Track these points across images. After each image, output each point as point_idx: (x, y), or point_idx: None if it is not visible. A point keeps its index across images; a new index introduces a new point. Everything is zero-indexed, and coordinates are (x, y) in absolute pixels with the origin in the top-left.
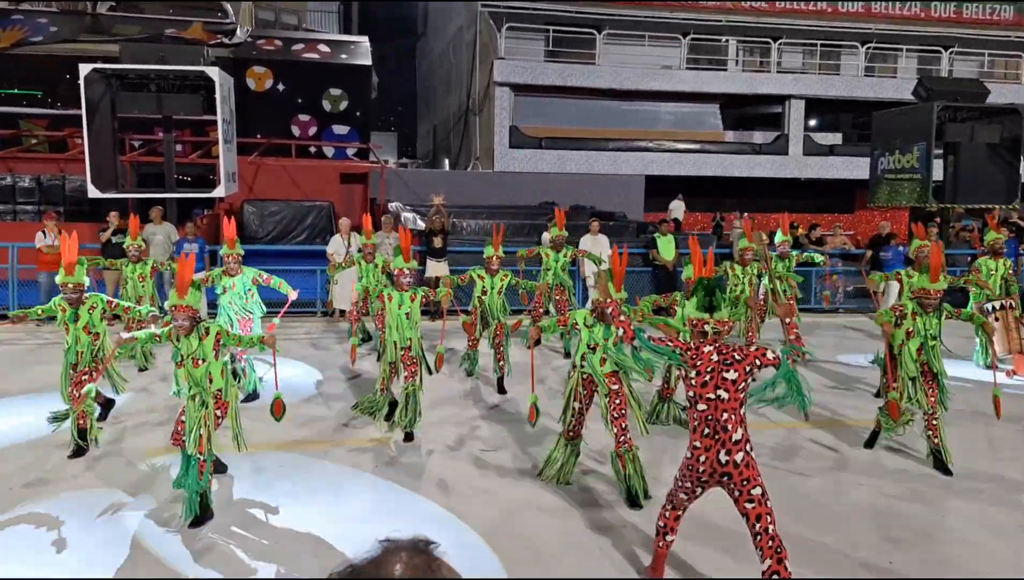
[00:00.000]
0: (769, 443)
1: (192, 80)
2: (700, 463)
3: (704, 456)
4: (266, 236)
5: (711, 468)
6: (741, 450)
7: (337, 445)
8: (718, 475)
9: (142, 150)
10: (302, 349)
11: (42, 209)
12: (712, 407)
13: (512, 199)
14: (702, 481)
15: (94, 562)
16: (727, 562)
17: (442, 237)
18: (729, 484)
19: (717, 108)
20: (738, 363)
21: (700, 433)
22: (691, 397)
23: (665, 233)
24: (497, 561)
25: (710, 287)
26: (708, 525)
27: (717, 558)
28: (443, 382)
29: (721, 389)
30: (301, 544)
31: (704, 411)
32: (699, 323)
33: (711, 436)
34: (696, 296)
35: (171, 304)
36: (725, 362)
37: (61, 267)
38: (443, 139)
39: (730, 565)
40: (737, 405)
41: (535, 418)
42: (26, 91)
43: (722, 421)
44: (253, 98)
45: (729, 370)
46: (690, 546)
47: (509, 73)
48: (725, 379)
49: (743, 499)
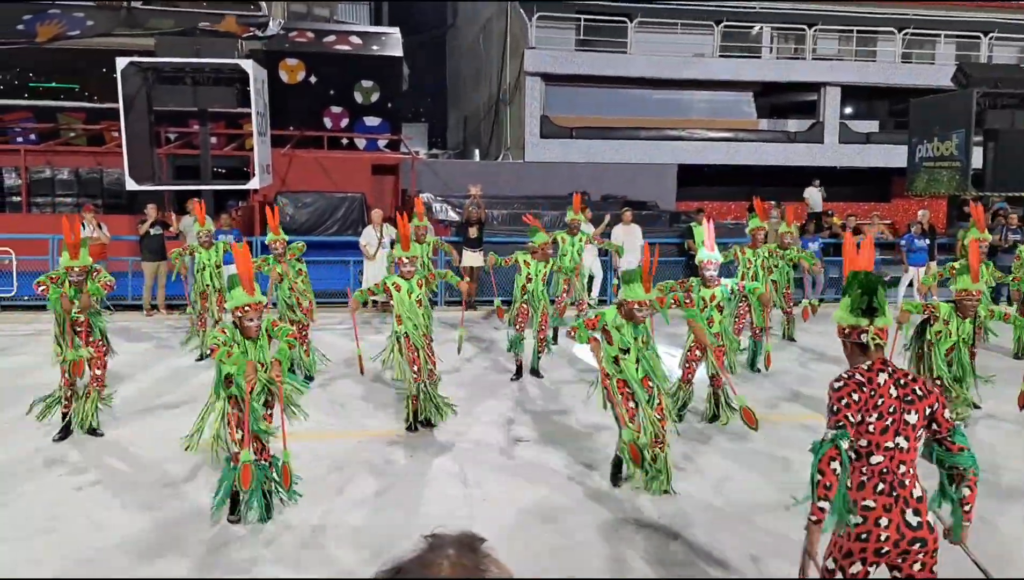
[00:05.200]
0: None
1: (226, 73)
2: (880, 530)
3: (885, 519)
4: (299, 227)
5: (897, 535)
6: (925, 510)
7: (369, 435)
8: (905, 544)
9: (178, 143)
10: (335, 338)
11: (80, 202)
12: (888, 458)
13: (543, 189)
14: (881, 553)
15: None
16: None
17: (478, 227)
18: (917, 557)
19: (751, 96)
20: (919, 401)
21: (872, 490)
22: (863, 446)
23: (701, 222)
24: (526, 556)
25: (870, 284)
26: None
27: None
28: (473, 368)
29: (901, 435)
30: (333, 538)
31: (879, 464)
32: (854, 332)
33: (888, 494)
34: (850, 295)
35: (241, 303)
36: (906, 399)
37: (65, 250)
38: (473, 130)
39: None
40: (916, 455)
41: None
42: (63, 85)
43: (899, 475)
44: (286, 90)
45: (910, 411)
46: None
47: (540, 63)
48: (907, 424)
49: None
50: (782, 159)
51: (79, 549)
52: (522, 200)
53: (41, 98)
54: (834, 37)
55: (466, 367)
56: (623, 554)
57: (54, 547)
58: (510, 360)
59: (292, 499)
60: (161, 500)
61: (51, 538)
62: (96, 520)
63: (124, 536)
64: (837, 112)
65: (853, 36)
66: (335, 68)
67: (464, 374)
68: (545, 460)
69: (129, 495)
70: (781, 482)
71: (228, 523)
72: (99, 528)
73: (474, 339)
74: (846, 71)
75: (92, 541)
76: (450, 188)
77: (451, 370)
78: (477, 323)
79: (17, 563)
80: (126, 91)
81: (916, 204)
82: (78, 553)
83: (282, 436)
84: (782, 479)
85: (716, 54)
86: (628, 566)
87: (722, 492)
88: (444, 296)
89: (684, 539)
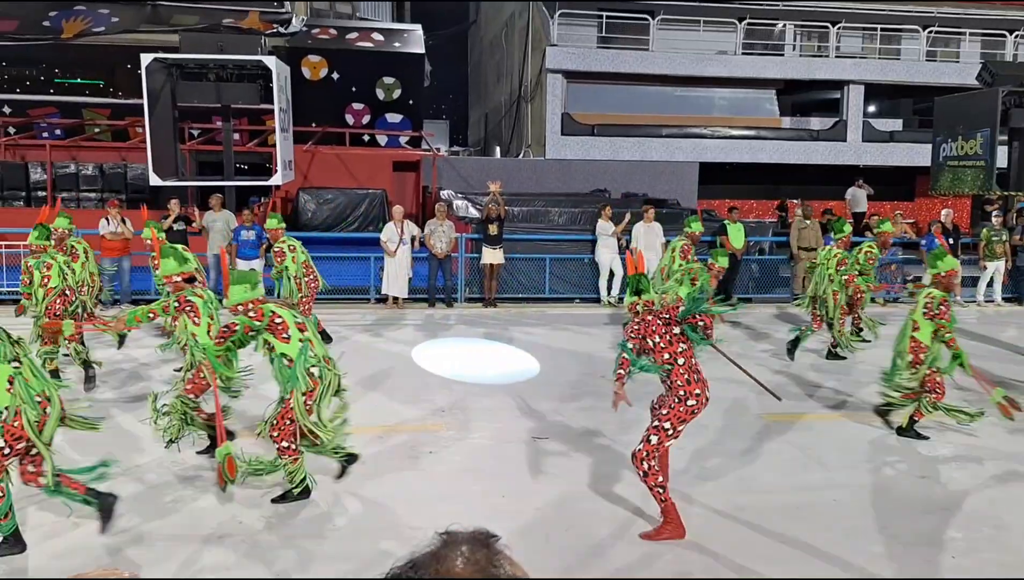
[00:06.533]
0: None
1: (250, 69)
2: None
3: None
4: (320, 223)
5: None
6: None
7: (390, 430)
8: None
9: (201, 139)
10: (355, 334)
11: (105, 197)
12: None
13: (564, 186)
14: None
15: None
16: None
17: (498, 224)
18: None
19: (773, 94)
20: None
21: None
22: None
23: (735, 220)
24: (544, 555)
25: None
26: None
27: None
28: (493, 367)
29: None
30: (350, 533)
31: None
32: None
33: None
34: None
35: (249, 298)
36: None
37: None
38: (494, 127)
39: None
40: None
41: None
42: (89, 81)
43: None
44: (308, 87)
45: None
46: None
47: (561, 60)
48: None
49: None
50: (804, 157)
51: (111, 539)
52: (542, 197)
53: (66, 94)
54: (858, 35)
55: (483, 367)
56: (640, 554)
57: (88, 537)
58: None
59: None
60: (190, 492)
61: (86, 529)
62: (130, 509)
63: (153, 527)
64: (860, 110)
65: (877, 34)
66: (357, 65)
67: (482, 373)
68: (564, 458)
69: (157, 488)
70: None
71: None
72: (135, 517)
73: (495, 337)
74: (870, 69)
75: (126, 531)
76: (471, 185)
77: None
78: (498, 321)
79: (48, 556)
80: (150, 87)
81: (940, 203)
82: (110, 543)
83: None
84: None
85: (739, 51)
86: (645, 566)
87: (748, 491)
88: (464, 292)
89: (703, 538)
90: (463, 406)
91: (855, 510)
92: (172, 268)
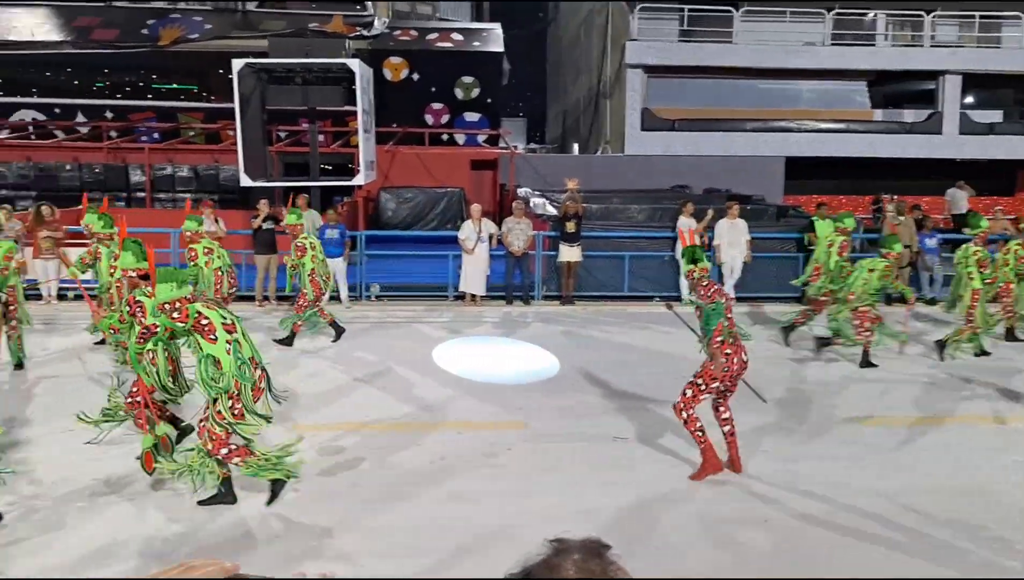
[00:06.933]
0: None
1: (335, 72)
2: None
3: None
4: (400, 222)
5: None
6: None
7: (470, 427)
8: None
9: (288, 141)
10: (434, 330)
11: (198, 197)
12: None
13: (643, 183)
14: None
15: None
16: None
17: (575, 222)
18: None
19: (864, 85)
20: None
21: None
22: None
23: (824, 216)
24: (630, 557)
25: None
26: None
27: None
28: (572, 364)
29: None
30: (428, 530)
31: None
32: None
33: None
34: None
35: (174, 297)
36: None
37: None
38: (572, 124)
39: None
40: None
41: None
42: (183, 86)
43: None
44: (389, 88)
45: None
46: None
47: (642, 54)
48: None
49: None
50: (897, 151)
51: (197, 529)
52: (621, 194)
53: (163, 99)
54: (954, 23)
55: (564, 363)
56: (729, 562)
57: (175, 525)
58: (607, 355)
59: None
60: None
61: (173, 516)
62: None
63: (239, 517)
64: (957, 101)
65: (975, 21)
66: (437, 65)
67: (564, 369)
68: (645, 459)
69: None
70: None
71: (318, 512)
72: (219, 507)
73: (572, 334)
74: (967, 58)
75: (212, 521)
76: (548, 182)
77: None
78: (575, 319)
79: (138, 540)
80: (241, 91)
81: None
82: (197, 533)
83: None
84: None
85: (827, 42)
86: (725, 568)
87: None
88: (541, 290)
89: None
90: (541, 404)
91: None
92: (129, 262)
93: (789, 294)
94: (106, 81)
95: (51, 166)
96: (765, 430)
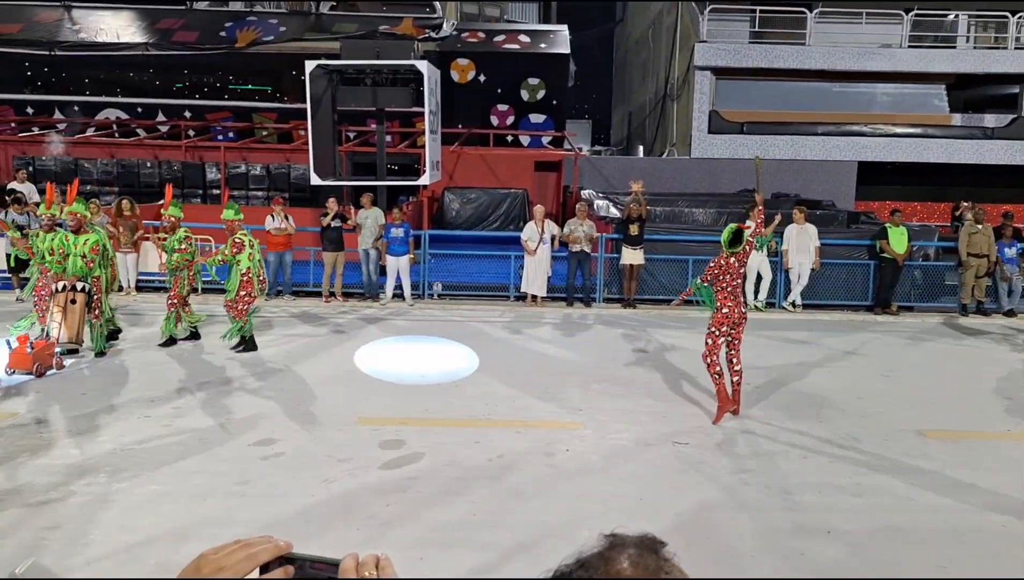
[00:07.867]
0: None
1: (403, 74)
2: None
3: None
4: (463, 222)
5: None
6: None
7: (528, 426)
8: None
9: (356, 141)
10: (495, 330)
11: (270, 195)
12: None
13: (708, 186)
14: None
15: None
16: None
17: (639, 225)
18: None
19: (943, 89)
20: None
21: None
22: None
23: (898, 223)
24: (687, 562)
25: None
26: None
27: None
28: (628, 367)
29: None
30: (484, 525)
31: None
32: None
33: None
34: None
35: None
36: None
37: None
38: (638, 126)
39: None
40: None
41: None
42: (258, 87)
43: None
44: (456, 89)
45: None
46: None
47: (711, 56)
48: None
49: None
50: (977, 157)
51: (260, 514)
52: (686, 197)
53: (239, 99)
54: None
55: (620, 367)
56: (790, 568)
57: (239, 510)
58: (667, 359)
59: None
60: (336, 474)
61: (239, 502)
62: (279, 487)
63: (300, 505)
64: None
65: None
66: (503, 66)
67: (620, 373)
68: (704, 465)
69: (306, 468)
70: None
71: (377, 505)
72: (282, 495)
73: (631, 339)
74: None
75: (273, 507)
76: (612, 185)
77: (603, 369)
78: (636, 322)
79: (205, 522)
80: (313, 92)
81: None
82: (259, 518)
83: None
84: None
85: (905, 44)
86: (785, 576)
87: (903, 510)
88: (603, 292)
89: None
90: (600, 406)
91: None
92: (230, 215)
93: (858, 302)
94: (185, 81)
95: (133, 163)
96: (831, 441)
